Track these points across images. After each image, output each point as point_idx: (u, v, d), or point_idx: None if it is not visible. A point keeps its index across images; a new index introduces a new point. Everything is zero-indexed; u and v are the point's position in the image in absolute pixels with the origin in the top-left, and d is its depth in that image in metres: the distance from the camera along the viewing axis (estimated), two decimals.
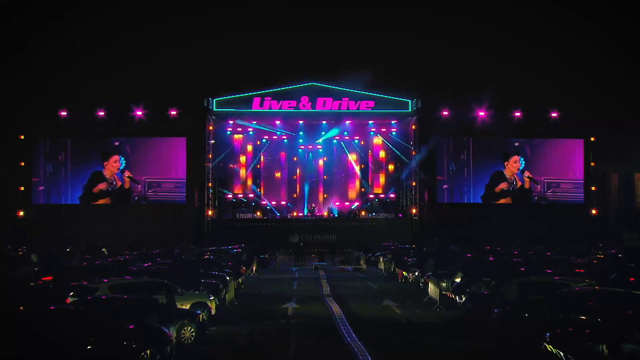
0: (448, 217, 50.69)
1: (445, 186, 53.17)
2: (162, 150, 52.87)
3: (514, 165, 53.10)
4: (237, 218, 53.49)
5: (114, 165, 52.08)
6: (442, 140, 53.10)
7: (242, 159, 57.20)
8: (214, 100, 51.99)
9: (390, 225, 52.54)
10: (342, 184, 58.20)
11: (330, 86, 52.03)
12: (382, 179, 57.64)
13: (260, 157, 57.37)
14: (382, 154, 57.61)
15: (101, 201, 52.07)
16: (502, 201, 53.05)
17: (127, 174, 51.85)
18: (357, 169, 57.84)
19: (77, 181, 52.15)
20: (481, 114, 52.11)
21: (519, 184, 53.00)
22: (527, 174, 52.97)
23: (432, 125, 52.02)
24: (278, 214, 55.61)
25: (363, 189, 57.72)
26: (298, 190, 57.81)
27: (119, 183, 51.90)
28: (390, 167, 57.47)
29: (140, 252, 36.28)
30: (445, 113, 51.98)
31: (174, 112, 51.27)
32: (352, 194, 58.02)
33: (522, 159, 53.26)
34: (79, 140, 52.39)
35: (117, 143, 52.40)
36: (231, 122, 54.60)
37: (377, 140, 57.43)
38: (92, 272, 23.82)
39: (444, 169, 53.27)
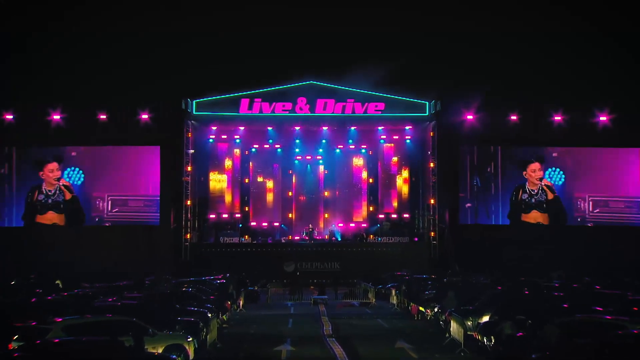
0: (473, 241, 50.47)
1: (469, 205, 52.81)
2: (131, 161, 52.37)
3: (533, 175, 52.42)
4: (220, 242, 53.29)
5: (50, 175, 51.02)
6: (465, 149, 52.83)
7: (227, 170, 57.04)
8: (194, 102, 51.89)
9: (404, 252, 52.31)
10: (346, 201, 58.22)
11: (332, 85, 51.93)
12: (394, 197, 57.50)
13: (249, 169, 57.30)
14: (394, 163, 57.51)
15: (51, 215, 51.15)
16: (532, 214, 52.37)
17: (62, 182, 51.00)
18: (364, 183, 57.74)
19: (23, 199, 51.49)
20: (513, 118, 51.76)
21: (550, 195, 52.27)
22: (545, 182, 52.23)
23: (454, 131, 51.79)
24: (270, 238, 55.45)
25: (371, 208, 57.66)
26: (294, 210, 57.78)
27: (67, 196, 51.10)
28: (404, 180, 57.34)
29: (103, 285, 36.05)
30: (469, 117, 51.57)
31: (145, 116, 50.77)
32: (359, 214, 57.94)
33: (559, 171, 52.67)
34: (27, 150, 51.71)
35: (74, 153, 51.89)
36: (214, 128, 54.61)
37: (388, 149, 57.36)
38: (43, 309, 23.66)
39: (467, 184, 52.98)
